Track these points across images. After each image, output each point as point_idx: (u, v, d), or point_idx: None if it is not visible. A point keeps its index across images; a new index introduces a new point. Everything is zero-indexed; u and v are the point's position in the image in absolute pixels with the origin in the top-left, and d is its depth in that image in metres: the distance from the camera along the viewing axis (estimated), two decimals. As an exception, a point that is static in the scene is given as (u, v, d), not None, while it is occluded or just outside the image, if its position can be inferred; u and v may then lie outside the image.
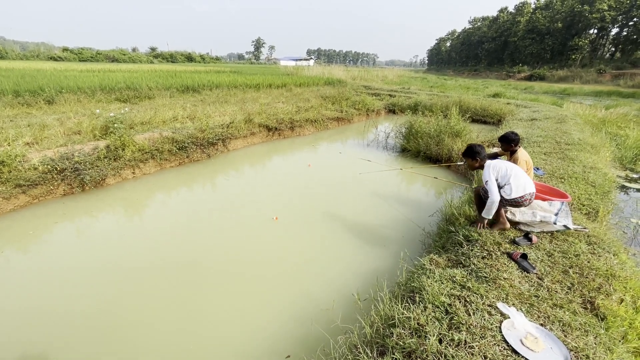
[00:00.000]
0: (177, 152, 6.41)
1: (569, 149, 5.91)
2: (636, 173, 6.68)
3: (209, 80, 14.15)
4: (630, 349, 1.86)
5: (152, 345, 2.50)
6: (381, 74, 32.02)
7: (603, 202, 3.66)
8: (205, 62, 60.91)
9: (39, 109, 8.17)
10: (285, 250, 3.78)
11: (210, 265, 3.46)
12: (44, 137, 5.78)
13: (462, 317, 1.91)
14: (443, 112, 8.41)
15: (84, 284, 3.12)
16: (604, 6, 45.96)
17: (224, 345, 2.51)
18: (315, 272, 3.43)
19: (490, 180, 2.93)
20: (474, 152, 3.20)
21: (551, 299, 2.10)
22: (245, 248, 3.81)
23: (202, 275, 3.31)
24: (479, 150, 3.19)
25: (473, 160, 3.21)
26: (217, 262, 3.52)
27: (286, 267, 3.49)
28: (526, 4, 60.80)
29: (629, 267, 2.54)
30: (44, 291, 3.03)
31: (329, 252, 3.77)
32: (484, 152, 3.19)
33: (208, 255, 3.65)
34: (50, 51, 46.37)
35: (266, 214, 4.59)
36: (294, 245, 3.89)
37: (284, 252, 3.75)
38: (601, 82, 38.13)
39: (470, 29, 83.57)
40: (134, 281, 3.19)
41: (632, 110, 13.97)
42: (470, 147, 3.24)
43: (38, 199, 4.69)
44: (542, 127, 8.04)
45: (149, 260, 3.51)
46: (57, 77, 12.02)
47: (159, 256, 3.60)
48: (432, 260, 2.69)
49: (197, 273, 3.33)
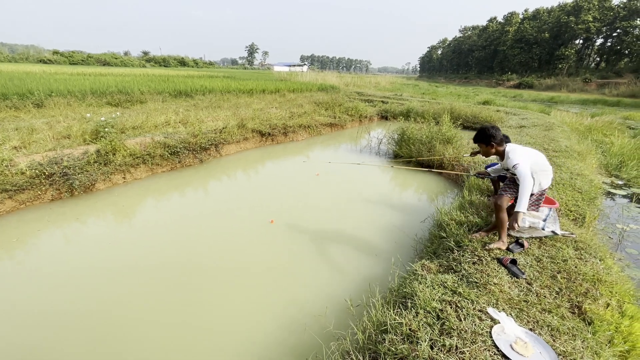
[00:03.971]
0: (169, 157, 6.35)
1: (557, 156, 6.05)
2: (621, 179, 6.85)
3: (202, 85, 14.11)
4: (616, 352, 1.90)
5: (139, 353, 2.45)
6: (374, 80, 32.37)
7: (589, 208, 3.75)
8: (199, 67, 60.83)
9: (28, 112, 8.03)
10: (278, 257, 3.77)
11: (202, 272, 3.42)
12: (32, 141, 5.68)
13: (453, 322, 1.92)
14: (435, 118, 8.53)
15: (70, 290, 3.06)
16: (588, 17, 47.50)
17: (216, 352, 2.48)
18: (308, 278, 3.42)
19: (521, 163, 2.48)
20: (487, 135, 2.64)
21: (540, 304, 2.13)
22: (238, 254, 3.78)
23: (194, 281, 3.27)
24: (493, 134, 2.61)
25: (488, 145, 2.67)
26: (209, 268, 3.49)
27: (279, 274, 3.47)
28: (514, 14, 62.48)
29: (614, 272, 2.61)
30: (28, 295, 2.95)
31: (322, 259, 3.76)
32: (500, 135, 2.65)
33: (200, 261, 3.60)
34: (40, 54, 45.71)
35: (259, 220, 4.57)
36: (286, 252, 3.88)
37: (277, 259, 3.73)
38: (587, 90, 39.25)
39: (461, 38, 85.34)
40: (121, 287, 3.13)
41: (617, 118, 14.42)
42: (483, 130, 2.68)
43: (25, 204, 4.59)
44: (530, 134, 8.22)
45: (137, 266, 3.46)
46: (47, 80, 11.85)
47: (149, 262, 3.55)
48: (424, 265, 2.72)
49: (189, 279, 3.29)
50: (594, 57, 54.79)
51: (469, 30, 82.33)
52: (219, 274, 3.42)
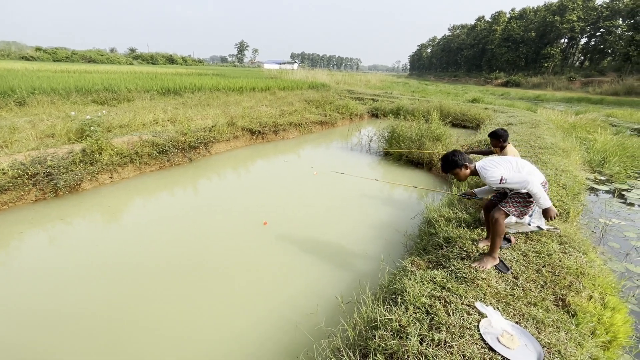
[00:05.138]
0: (157, 155, 6.25)
1: (542, 152, 6.17)
2: (604, 175, 7.05)
3: (191, 83, 13.92)
4: (599, 343, 1.96)
5: (127, 353, 2.41)
6: (364, 78, 32.44)
7: (573, 204, 3.84)
8: (188, 65, 59.94)
9: (9, 110, 7.80)
10: (269, 256, 3.76)
11: (192, 271, 3.39)
12: (14, 141, 5.51)
13: (442, 317, 1.95)
14: (424, 116, 8.61)
15: (53, 292, 2.99)
16: (573, 17, 48.55)
17: (207, 351, 2.46)
18: (299, 276, 3.42)
19: (504, 173, 2.30)
20: (449, 162, 2.49)
21: (526, 298, 2.18)
22: (228, 253, 3.75)
23: (184, 280, 3.23)
24: (455, 159, 2.46)
25: (460, 168, 2.49)
26: (199, 268, 3.45)
27: (270, 272, 3.46)
28: (502, 14, 63.36)
29: (597, 265, 2.68)
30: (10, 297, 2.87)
31: (313, 256, 3.76)
32: (462, 157, 2.50)
33: (189, 261, 3.56)
34: (22, 50, 44.38)
35: (250, 218, 4.54)
36: (277, 251, 3.87)
37: (268, 258, 3.72)
38: (572, 89, 40.21)
39: (450, 36, 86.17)
40: (107, 289, 3.07)
41: (600, 116, 14.80)
42: (445, 159, 2.51)
43: (7, 205, 4.46)
44: (517, 131, 8.36)
45: (124, 267, 3.40)
46: (29, 78, 11.52)
47: (136, 262, 3.49)
48: (414, 262, 2.75)
49: (178, 279, 3.25)
50: (578, 56, 56.10)
51: (458, 29, 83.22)
52: (209, 273, 3.39)
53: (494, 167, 2.36)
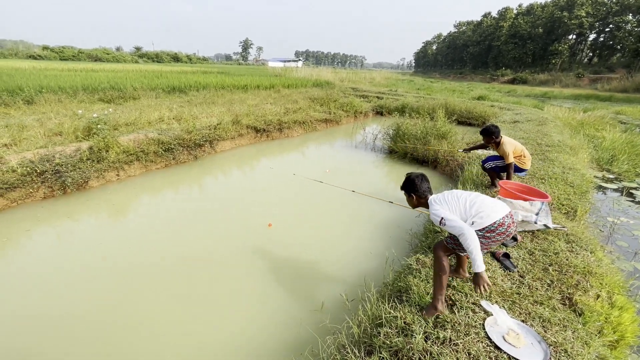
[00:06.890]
0: (163, 153, 6.30)
1: (549, 150, 6.11)
2: (612, 174, 6.95)
3: (196, 81, 13.98)
4: (605, 342, 1.94)
5: (133, 351, 2.45)
6: (369, 76, 32.30)
7: (581, 202, 3.80)
8: (192, 63, 60.14)
9: (18, 109, 7.90)
10: (274, 254, 3.77)
11: (198, 268, 3.42)
12: (23, 139, 5.59)
13: (447, 315, 1.95)
14: (430, 114, 8.55)
15: (61, 289, 3.04)
16: (582, 13, 47.80)
17: (213, 348, 2.49)
18: (304, 274, 3.43)
19: (446, 215, 1.99)
20: (407, 185, 2.26)
21: (532, 296, 2.17)
22: (233, 251, 3.78)
23: (190, 278, 3.27)
24: (417, 184, 2.19)
25: (409, 196, 2.29)
26: (205, 265, 3.48)
27: (275, 270, 3.48)
28: (508, 10, 62.61)
29: (605, 264, 2.65)
30: (19, 295, 2.93)
31: (318, 254, 3.77)
32: (425, 186, 2.20)
33: (195, 258, 3.60)
34: (30, 49, 44.92)
35: (255, 217, 4.56)
36: (282, 249, 3.88)
37: (273, 256, 3.73)
38: (580, 85, 39.62)
39: (455, 33, 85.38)
40: (114, 286, 3.12)
41: (609, 113, 14.57)
42: (408, 177, 2.28)
43: (17, 202, 4.53)
44: (524, 129, 8.28)
45: (132, 265, 3.44)
46: (37, 77, 11.65)
47: (143, 260, 3.53)
48: (419, 260, 2.74)
49: (185, 276, 3.28)
50: (586, 52, 55.27)
51: (464, 26, 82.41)
52: (216, 270, 3.42)
53: (439, 205, 2.08)
